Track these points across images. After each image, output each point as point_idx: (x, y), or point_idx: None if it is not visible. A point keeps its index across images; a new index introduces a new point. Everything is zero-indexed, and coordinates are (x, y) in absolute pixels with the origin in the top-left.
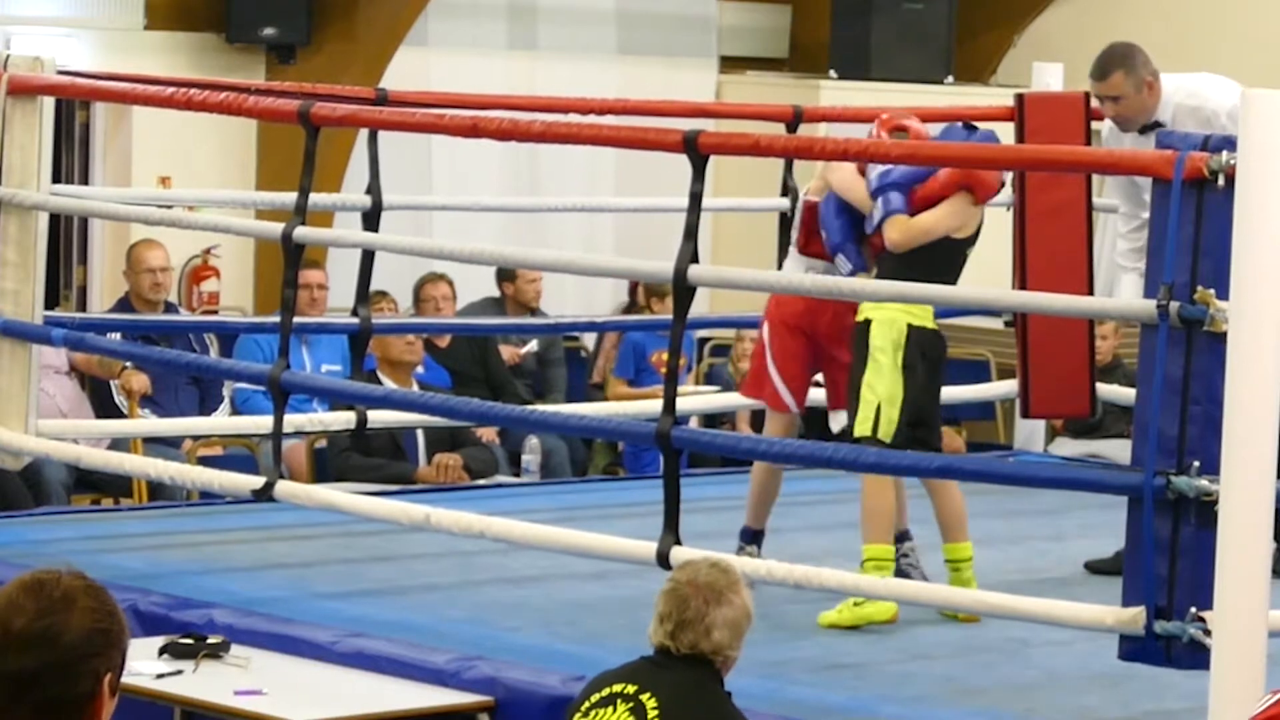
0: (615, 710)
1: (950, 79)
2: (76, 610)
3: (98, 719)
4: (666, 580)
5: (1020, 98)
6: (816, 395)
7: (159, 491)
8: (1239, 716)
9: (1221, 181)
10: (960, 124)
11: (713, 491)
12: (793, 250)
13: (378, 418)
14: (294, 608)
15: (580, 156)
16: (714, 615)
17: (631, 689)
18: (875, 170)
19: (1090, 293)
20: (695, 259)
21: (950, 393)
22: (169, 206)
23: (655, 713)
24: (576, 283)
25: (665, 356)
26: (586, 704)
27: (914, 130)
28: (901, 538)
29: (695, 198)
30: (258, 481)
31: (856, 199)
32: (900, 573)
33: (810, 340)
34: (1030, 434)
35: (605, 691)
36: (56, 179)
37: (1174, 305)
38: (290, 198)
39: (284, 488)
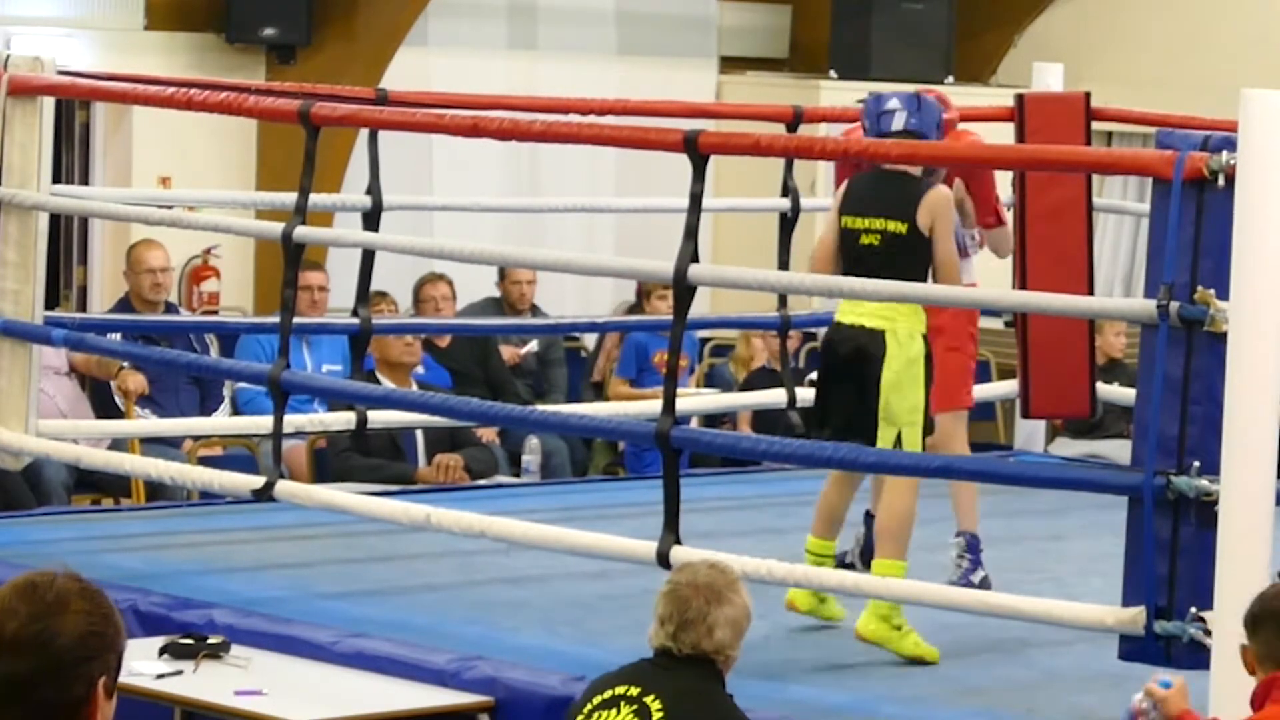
0: (619, 712)
1: (950, 79)
2: (70, 614)
3: None
4: (665, 583)
5: (1020, 98)
6: (807, 394)
7: (159, 492)
8: (1239, 716)
9: (1221, 181)
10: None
11: (713, 492)
12: None
13: (378, 418)
14: (294, 608)
15: (580, 157)
16: (715, 615)
17: (635, 691)
18: None
19: (1090, 293)
20: (696, 259)
21: None
22: (169, 206)
23: (660, 714)
24: (576, 283)
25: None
26: (589, 706)
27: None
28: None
29: (695, 198)
30: (258, 482)
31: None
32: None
33: None
34: (1030, 434)
35: (608, 694)
36: (57, 179)
37: (1174, 305)
38: (290, 198)
39: (284, 488)
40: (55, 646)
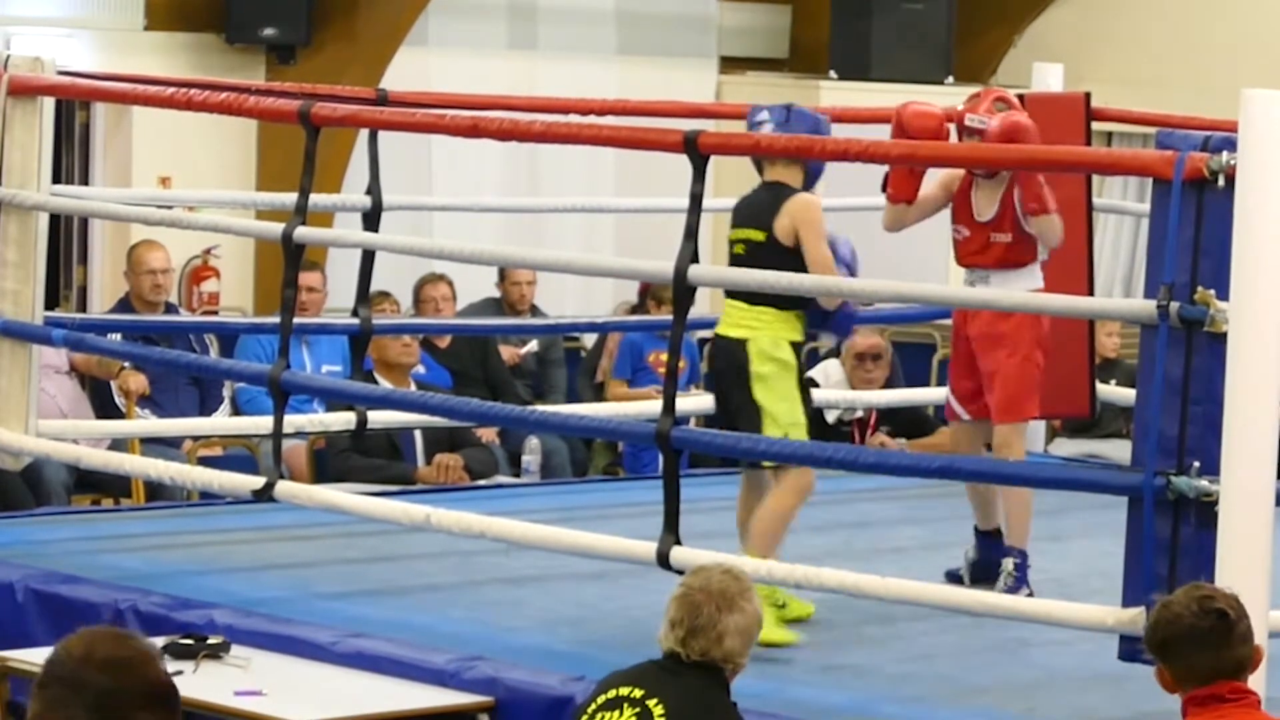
0: (621, 714)
1: (950, 79)
2: (153, 663)
3: None
4: (678, 586)
5: (1020, 98)
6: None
7: (159, 492)
8: None
9: (1221, 182)
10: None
11: (712, 492)
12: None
13: (378, 418)
14: (294, 608)
15: (580, 157)
16: (726, 622)
17: (638, 693)
18: None
19: (1090, 293)
20: (695, 259)
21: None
22: (169, 207)
23: (662, 718)
24: (576, 283)
25: (664, 357)
26: (593, 706)
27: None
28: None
29: (695, 198)
30: (258, 482)
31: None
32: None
33: (966, 343)
34: (1030, 434)
35: (611, 694)
36: (57, 179)
37: (1174, 305)
38: (290, 198)
39: (284, 488)
40: (141, 673)
